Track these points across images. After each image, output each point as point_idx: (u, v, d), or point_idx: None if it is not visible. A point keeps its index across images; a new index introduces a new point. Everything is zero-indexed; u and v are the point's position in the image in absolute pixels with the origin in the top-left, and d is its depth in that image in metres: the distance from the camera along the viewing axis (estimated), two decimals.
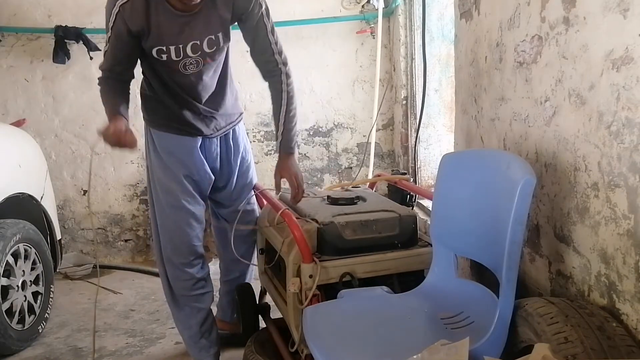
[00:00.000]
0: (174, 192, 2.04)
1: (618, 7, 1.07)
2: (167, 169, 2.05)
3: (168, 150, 2.05)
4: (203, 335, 2.15)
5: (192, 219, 2.07)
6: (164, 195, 2.06)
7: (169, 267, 2.11)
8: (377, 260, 1.67)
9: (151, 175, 2.11)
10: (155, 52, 1.86)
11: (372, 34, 3.60)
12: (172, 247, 2.08)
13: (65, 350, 2.48)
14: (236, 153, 2.20)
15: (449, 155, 1.64)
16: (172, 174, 2.04)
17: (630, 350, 1.03)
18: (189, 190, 2.06)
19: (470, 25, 1.88)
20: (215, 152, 2.13)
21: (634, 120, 1.05)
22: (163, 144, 2.05)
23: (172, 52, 1.85)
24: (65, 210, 3.72)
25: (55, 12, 3.56)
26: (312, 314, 1.48)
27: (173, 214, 2.06)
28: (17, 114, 3.57)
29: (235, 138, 2.19)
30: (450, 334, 1.33)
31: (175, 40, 1.84)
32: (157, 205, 2.09)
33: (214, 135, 2.10)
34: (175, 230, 2.06)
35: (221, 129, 2.12)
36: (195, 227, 2.08)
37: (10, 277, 2.41)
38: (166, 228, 2.08)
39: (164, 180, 2.05)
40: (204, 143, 2.08)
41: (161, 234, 2.10)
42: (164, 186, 2.06)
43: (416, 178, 3.22)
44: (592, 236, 1.21)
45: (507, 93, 1.60)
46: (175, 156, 2.04)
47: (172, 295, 2.15)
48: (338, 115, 3.79)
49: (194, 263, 2.09)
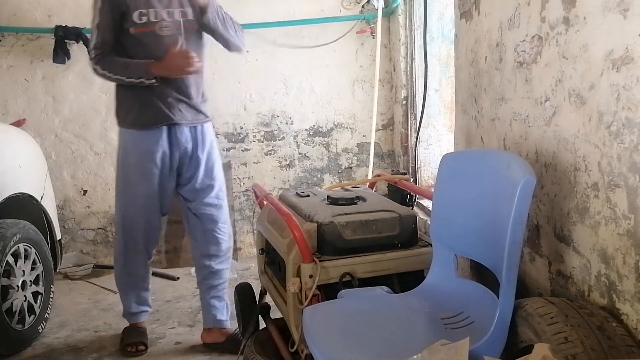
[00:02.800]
0: (135, 189, 2.30)
1: (618, 7, 1.07)
2: (132, 168, 2.30)
3: (136, 148, 2.28)
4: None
5: (147, 215, 2.34)
6: (125, 190, 2.33)
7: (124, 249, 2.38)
8: (377, 260, 1.67)
9: (118, 172, 2.37)
10: (137, 15, 2.16)
11: (372, 34, 3.60)
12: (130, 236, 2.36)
13: (65, 350, 2.48)
14: (203, 147, 2.36)
15: (449, 155, 1.64)
16: (135, 172, 2.29)
17: (630, 350, 1.03)
18: (149, 190, 2.30)
19: (470, 25, 1.88)
20: (184, 142, 2.30)
21: (634, 120, 1.05)
22: (131, 143, 2.29)
23: (150, 14, 2.18)
24: (65, 210, 3.72)
25: (55, 12, 3.56)
26: (312, 314, 1.48)
27: (131, 208, 2.33)
28: (17, 114, 3.57)
29: (204, 133, 2.37)
30: (450, 334, 1.33)
31: (154, 5, 2.20)
32: (119, 200, 2.36)
33: (182, 123, 2.28)
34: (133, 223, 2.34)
35: (189, 120, 2.30)
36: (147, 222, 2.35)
37: (10, 277, 2.41)
38: (126, 219, 2.35)
39: (127, 178, 2.32)
40: (173, 132, 2.28)
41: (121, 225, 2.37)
42: (127, 183, 2.32)
43: (416, 178, 3.23)
44: (592, 236, 1.21)
45: (507, 93, 1.60)
46: (141, 153, 2.27)
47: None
48: (338, 115, 3.79)
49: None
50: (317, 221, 1.70)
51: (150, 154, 2.27)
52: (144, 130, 2.26)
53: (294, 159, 3.81)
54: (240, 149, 3.77)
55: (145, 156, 2.27)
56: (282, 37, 3.66)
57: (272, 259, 2.01)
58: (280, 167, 3.82)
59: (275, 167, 3.81)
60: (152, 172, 2.28)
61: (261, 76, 3.70)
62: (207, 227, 2.42)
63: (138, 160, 2.29)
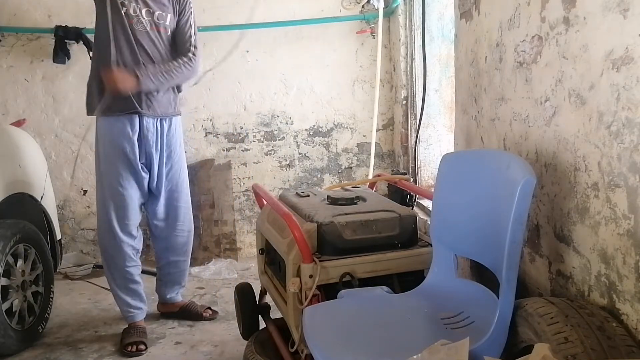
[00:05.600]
0: (112, 174, 2.45)
1: (618, 7, 1.07)
2: (107, 154, 2.45)
3: (109, 136, 2.44)
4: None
5: (127, 198, 2.48)
6: (108, 169, 2.46)
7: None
8: (377, 260, 1.67)
9: (97, 161, 2.53)
10: (118, 1, 2.35)
11: (372, 34, 3.60)
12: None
13: (65, 350, 2.48)
14: (169, 141, 2.55)
15: (449, 155, 1.64)
16: (110, 157, 2.44)
17: (630, 350, 1.03)
18: (126, 172, 2.46)
19: (470, 25, 1.88)
20: (152, 135, 2.47)
21: (634, 120, 1.05)
22: (105, 130, 2.46)
23: (130, 7, 2.38)
24: (65, 210, 3.72)
25: (55, 12, 3.56)
26: (312, 314, 1.48)
27: (114, 182, 2.46)
28: (17, 114, 3.57)
29: (173, 128, 2.56)
30: (450, 334, 1.33)
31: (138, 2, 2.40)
32: (104, 180, 2.49)
33: (150, 115, 2.45)
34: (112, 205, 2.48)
35: (157, 114, 2.48)
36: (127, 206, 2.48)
37: (10, 277, 2.41)
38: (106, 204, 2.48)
39: (104, 164, 2.46)
40: (142, 124, 2.44)
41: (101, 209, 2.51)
42: (105, 168, 2.46)
43: (416, 178, 3.23)
44: (592, 236, 1.21)
45: (507, 93, 1.60)
46: (114, 139, 2.43)
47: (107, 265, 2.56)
48: (338, 115, 3.79)
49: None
50: (317, 221, 1.70)
51: (124, 137, 2.44)
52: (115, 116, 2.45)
53: (294, 159, 3.82)
54: (240, 149, 3.77)
55: (120, 137, 2.45)
56: (282, 37, 3.66)
57: (272, 259, 2.01)
58: (280, 167, 3.82)
59: (275, 167, 3.81)
60: (127, 150, 2.45)
61: (261, 76, 3.70)
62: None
63: (114, 141, 2.45)
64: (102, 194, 2.49)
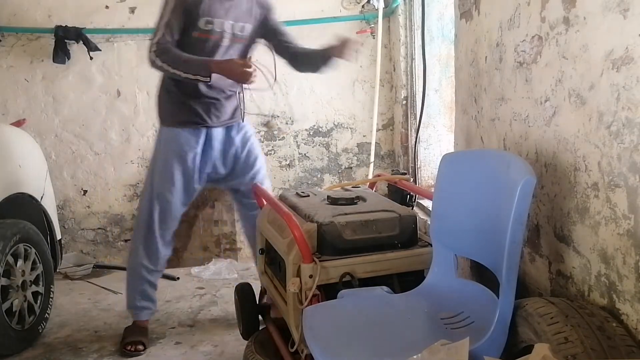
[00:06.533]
0: (166, 179, 2.41)
1: (618, 7, 1.07)
2: (167, 160, 2.41)
3: (173, 145, 2.41)
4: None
5: (172, 205, 2.45)
6: (164, 169, 2.42)
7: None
8: (377, 260, 1.67)
9: (153, 162, 2.50)
10: (203, 22, 2.29)
11: (372, 34, 3.60)
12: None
13: (65, 350, 2.48)
14: (251, 148, 2.56)
15: (449, 155, 1.64)
16: (169, 164, 2.41)
17: (630, 350, 1.03)
18: (179, 182, 2.43)
19: (470, 25, 1.88)
20: (219, 144, 2.48)
21: (634, 120, 1.05)
22: (169, 138, 2.43)
23: (215, 24, 2.31)
24: (65, 210, 3.72)
25: (55, 12, 3.56)
26: (312, 314, 1.48)
27: (165, 185, 2.43)
28: (17, 114, 3.57)
29: (248, 134, 2.57)
30: (450, 334, 1.33)
31: (221, 15, 2.33)
32: (154, 179, 2.46)
33: (216, 125, 2.45)
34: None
35: (224, 121, 2.47)
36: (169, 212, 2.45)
37: (10, 277, 2.41)
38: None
39: (161, 166, 2.43)
40: (208, 134, 2.45)
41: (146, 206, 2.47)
42: (165, 163, 2.41)
43: (416, 178, 3.22)
44: (592, 236, 1.21)
45: (507, 93, 1.60)
46: (178, 148, 2.40)
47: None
48: (338, 115, 3.79)
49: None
50: (317, 221, 1.70)
51: (188, 149, 2.43)
52: (181, 128, 2.43)
53: (294, 159, 3.81)
54: None
55: (184, 148, 2.43)
56: None
57: (272, 259, 2.01)
58: (280, 167, 3.82)
59: (275, 167, 3.81)
60: (189, 160, 2.42)
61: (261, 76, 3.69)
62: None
63: (177, 149, 2.43)
64: (150, 195, 2.45)
